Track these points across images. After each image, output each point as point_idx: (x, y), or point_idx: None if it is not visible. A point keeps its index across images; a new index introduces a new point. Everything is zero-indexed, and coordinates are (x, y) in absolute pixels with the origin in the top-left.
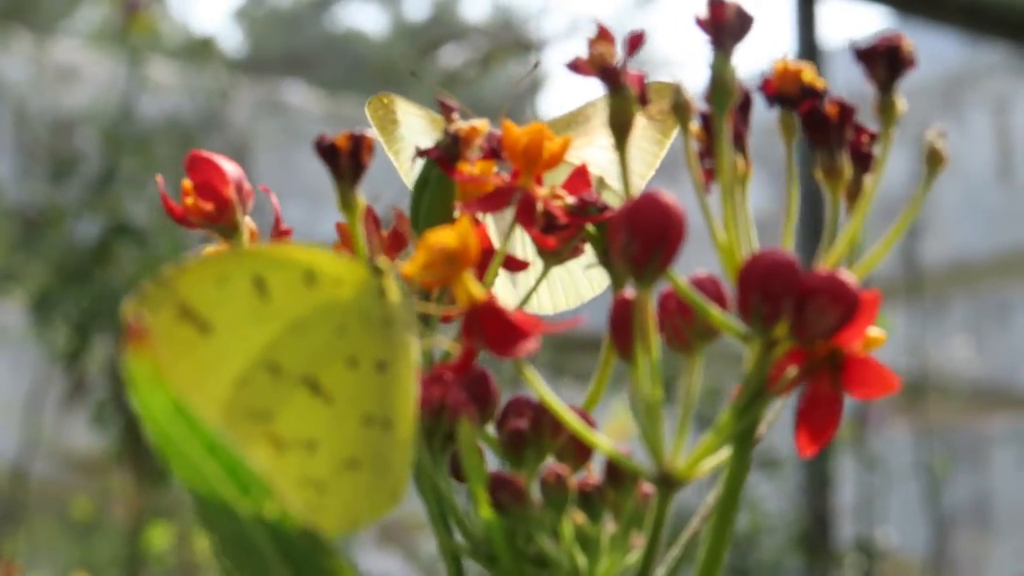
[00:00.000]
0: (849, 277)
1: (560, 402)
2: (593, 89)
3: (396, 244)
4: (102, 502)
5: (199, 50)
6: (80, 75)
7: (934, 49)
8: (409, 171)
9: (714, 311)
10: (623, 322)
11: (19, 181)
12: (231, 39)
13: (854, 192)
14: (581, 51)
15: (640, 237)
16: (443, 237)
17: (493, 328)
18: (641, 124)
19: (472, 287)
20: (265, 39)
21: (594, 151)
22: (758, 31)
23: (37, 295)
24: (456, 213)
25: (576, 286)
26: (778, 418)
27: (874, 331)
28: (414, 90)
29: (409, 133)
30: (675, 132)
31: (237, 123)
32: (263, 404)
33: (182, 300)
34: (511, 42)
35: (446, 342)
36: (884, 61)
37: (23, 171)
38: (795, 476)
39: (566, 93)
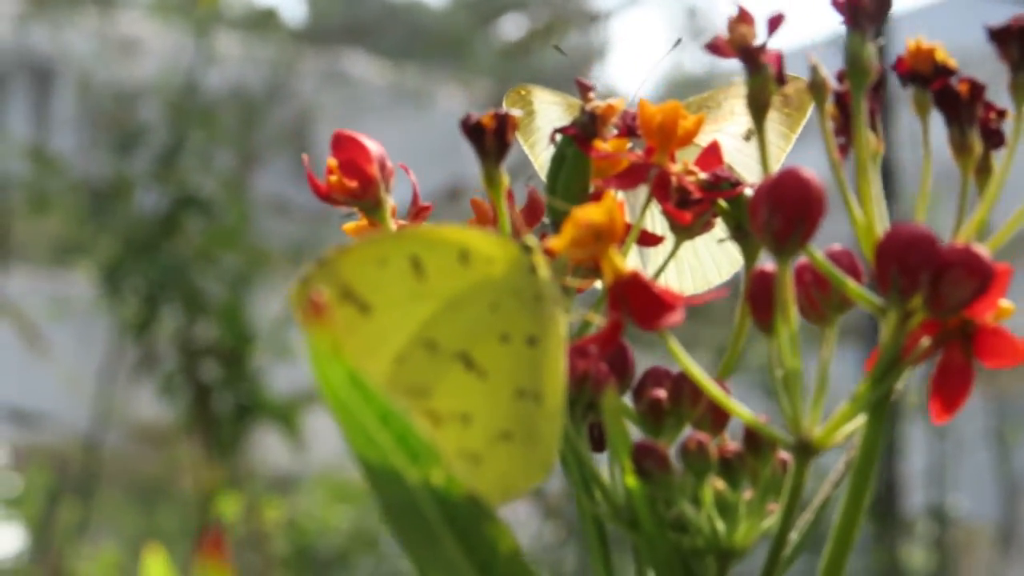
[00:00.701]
0: (984, 251)
1: (702, 373)
2: (661, 62)
3: (531, 219)
4: (170, 473)
5: (262, 21)
6: (144, 47)
7: (1003, 14)
8: (544, 161)
9: (851, 283)
10: (762, 294)
11: (85, 154)
12: (292, 9)
13: (983, 167)
14: (722, 31)
15: (782, 211)
16: (591, 214)
17: (640, 301)
18: (769, 118)
19: (619, 261)
20: (326, 9)
21: (722, 138)
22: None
23: (106, 267)
24: (592, 189)
25: (704, 271)
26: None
27: (1004, 303)
28: (473, 60)
29: (545, 123)
30: (800, 127)
31: (301, 94)
32: (421, 380)
33: (344, 283)
34: (572, 13)
35: (592, 315)
36: (1017, 41)
37: (89, 143)
38: None
39: (629, 64)
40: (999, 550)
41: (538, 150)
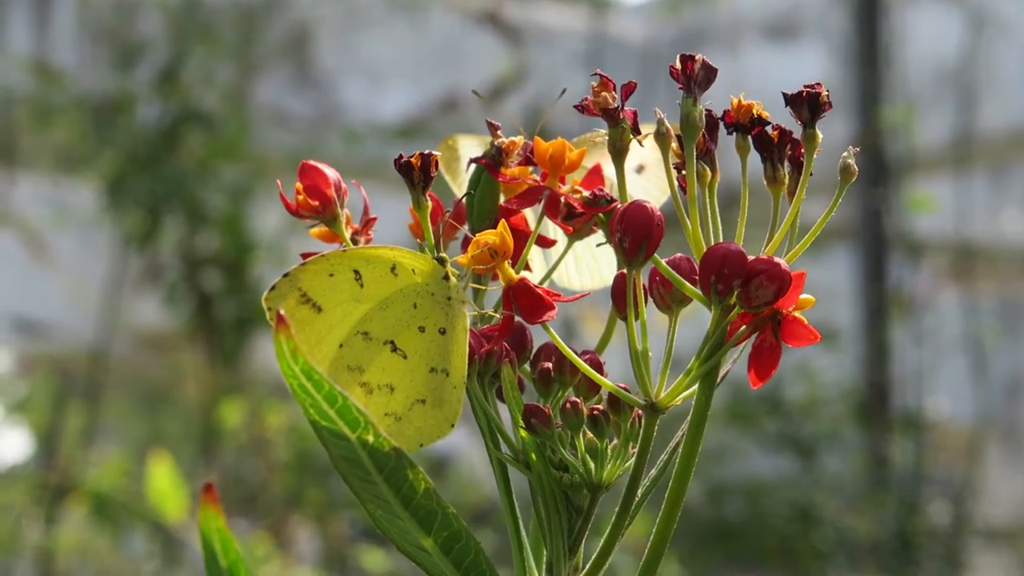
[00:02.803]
0: (782, 262)
1: (574, 350)
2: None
3: (454, 227)
4: (174, 380)
5: None
6: None
7: None
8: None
9: (687, 285)
10: (621, 291)
11: (86, 68)
12: None
13: (792, 190)
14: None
15: (630, 234)
16: (489, 237)
17: (525, 301)
18: (658, 157)
19: (509, 272)
20: None
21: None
22: None
23: (109, 180)
24: (500, 203)
25: (600, 269)
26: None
27: (804, 297)
28: None
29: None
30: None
31: (299, 5)
32: (358, 360)
33: (303, 290)
34: None
35: (490, 312)
36: (807, 105)
37: (90, 58)
38: (853, 348)
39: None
40: (978, 451)
41: (463, 190)
